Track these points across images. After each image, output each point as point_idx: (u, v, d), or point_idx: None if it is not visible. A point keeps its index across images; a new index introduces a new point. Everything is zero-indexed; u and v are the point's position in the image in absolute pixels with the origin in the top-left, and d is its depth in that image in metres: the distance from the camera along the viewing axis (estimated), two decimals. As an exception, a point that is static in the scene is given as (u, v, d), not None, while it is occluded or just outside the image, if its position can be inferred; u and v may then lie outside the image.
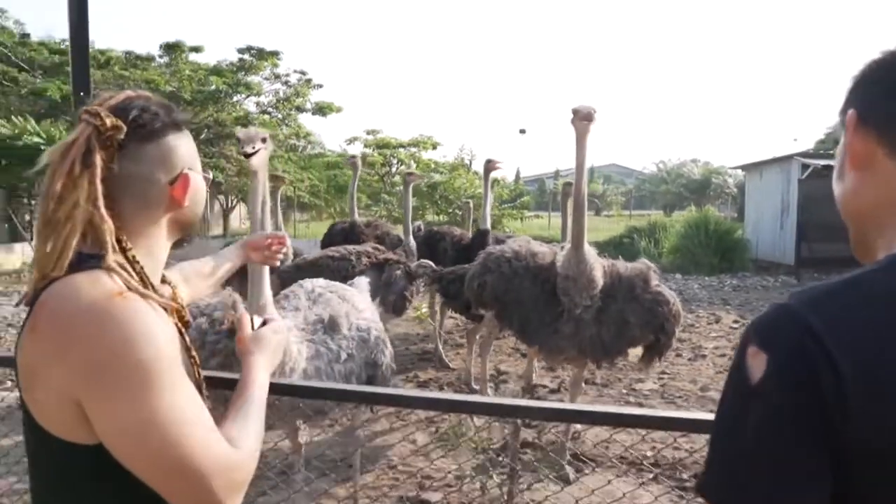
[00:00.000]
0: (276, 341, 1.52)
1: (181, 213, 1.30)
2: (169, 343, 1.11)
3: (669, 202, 44.83)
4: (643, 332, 4.16)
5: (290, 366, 2.68)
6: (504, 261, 4.44)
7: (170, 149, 1.26)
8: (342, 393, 1.61)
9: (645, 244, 17.40)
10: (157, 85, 19.02)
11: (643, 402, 5.83)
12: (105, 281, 1.12)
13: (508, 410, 1.41)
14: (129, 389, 1.05)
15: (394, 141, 24.38)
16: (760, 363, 0.81)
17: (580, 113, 3.94)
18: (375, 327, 3.26)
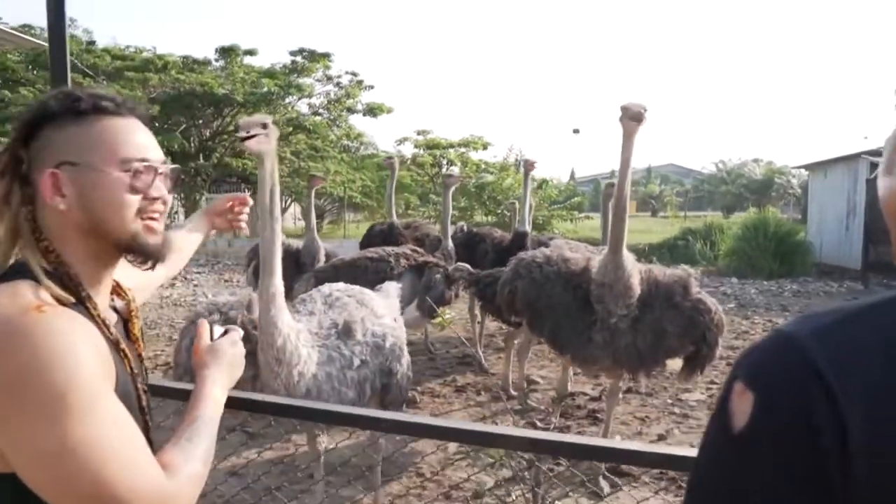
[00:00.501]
0: (233, 354, 1.39)
1: (72, 215, 1.11)
2: (88, 362, 1.00)
3: (729, 203, 43.50)
4: (682, 342, 3.93)
5: (298, 369, 2.61)
6: (535, 266, 4.27)
7: (44, 143, 1.12)
8: (341, 417, 1.47)
9: (700, 246, 16.83)
10: (210, 88, 19.46)
11: (689, 414, 5.56)
12: (25, 293, 1.03)
13: (487, 439, 1.26)
14: (42, 415, 0.95)
15: (444, 141, 24.34)
16: (746, 405, 0.65)
17: (629, 111, 3.72)
18: (392, 334, 3.15)
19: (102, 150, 1.13)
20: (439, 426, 1.30)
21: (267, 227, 2.58)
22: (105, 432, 0.98)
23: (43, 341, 0.97)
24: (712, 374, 6.65)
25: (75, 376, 0.97)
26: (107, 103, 1.16)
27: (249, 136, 2.45)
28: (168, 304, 10.49)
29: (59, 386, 0.95)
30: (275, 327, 2.53)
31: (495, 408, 5.69)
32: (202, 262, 16.00)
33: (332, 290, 3.29)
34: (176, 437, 1.16)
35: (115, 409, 1.03)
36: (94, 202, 1.12)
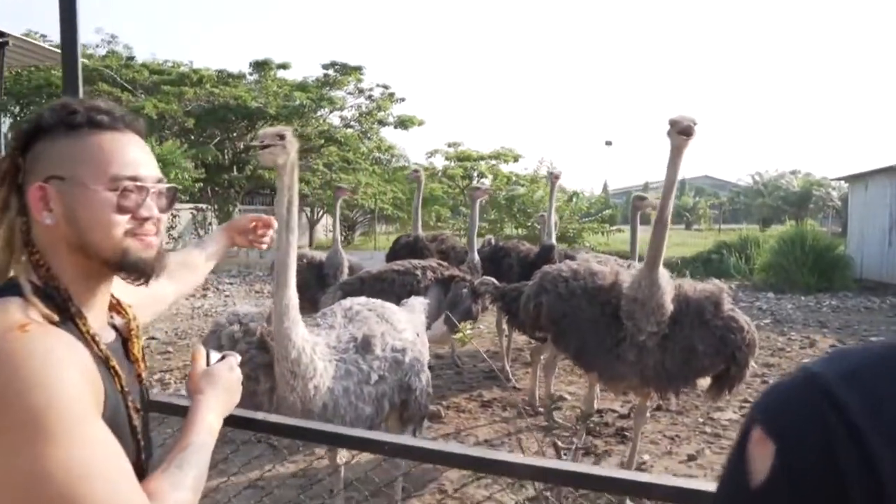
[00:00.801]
0: (231, 379, 1.34)
1: (58, 231, 1.08)
2: (71, 384, 0.96)
3: (765, 216, 42.64)
4: (713, 361, 3.80)
5: (313, 383, 2.58)
6: (561, 280, 4.17)
7: (36, 155, 1.10)
8: (340, 438, 1.42)
9: (735, 260, 16.48)
10: (244, 101, 19.77)
11: (720, 434, 5.39)
12: (11, 311, 1.00)
13: (491, 466, 1.20)
14: (18, 439, 0.92)
15: (474, 153, 24.34)
16: (765, 456, 0.58)
17: (678, 125, 3.56)
18: (412, 349, 3.10)
19: (92, 165, 1.09)
20: (441, 451, 1.25)
21: (282, 239, 2.56)
22: (85, 458, 0.94)
23: (23, 362, 0.94)
24: (746, 391, 6.46)
25: (56, 399, 0.93)
26: (102, 117, 1.12)
27: (265, 145, 2.44)
28: (199, 315, 10.60)
29: (38, 408, 0.92)
30: (288, 340, 2.51)
31: (521, 424, 5.59)
32: (234, 273, 16.18)
33: (352, 304, 3.26)
34: (166, 464, 1.12)
35: (99, 433, 0.99)
36: (80, 219, 1.09)
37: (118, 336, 1.25)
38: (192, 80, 20.35)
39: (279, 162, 2.52)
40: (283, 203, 2.57)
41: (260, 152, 2.47)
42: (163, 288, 1.51)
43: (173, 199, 1.22)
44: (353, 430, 1.45)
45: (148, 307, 1.47)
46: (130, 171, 1.12)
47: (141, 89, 21.14)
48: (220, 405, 1.29)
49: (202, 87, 20.23)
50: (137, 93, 20.94)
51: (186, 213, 19.28)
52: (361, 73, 22.59)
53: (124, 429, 1.11)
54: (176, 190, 1.25)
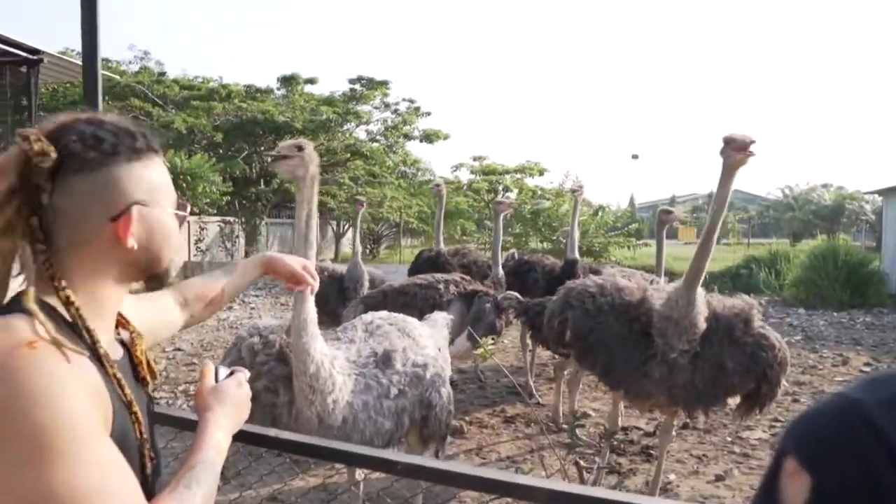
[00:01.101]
0: (240, 396, 1.32)
1: (134, 254, 1.14)
2: (76, 404, 0.95)
3: (796, 230, 41.99)
4: (743, 379, 3.71)
5: (332, 397, 2.56)
6: (587, 296, 4.10)
7: (110, 181, 1.10)
8: (352, 456, 1.40)
9: (764, 275, 16.19)
10: (271, 115, 20.02)
11: (749, 453, 5.26)
12: (18, 327, 0.99)
13: (504, 488, 1.16)
14: (22, 459, 0.90)
15: (500, 167, 24.36)
16: (800, 489, 0.54)
17: (735, 143, 3.43)
18: (433, 365, 3.07)
19: (163, 189, 1.18)
20: (454, 472, 1.21)
21: (300, 252, 2.56)
22: (90, 479, 0.93)
23: (28, 379, 0.93)
24: (776, 410, 6.31)
25: (60, 416, 0.93)
26: (155, 143, 1.19)
27: (282, 156, 2.43)
28: (224, 328, 10.68)
29: (43, 426, 0.91)
30: (307, 354, 2.50)
31: (544, 441, 5.50)
32: (260, 285, 16.30)
33: (373, 318, 3.25)
34: (174, 483, 1.10)
35: (104, 451, 0.98)
36: (155, 240, 1.17)
37: (125, 352, 1.25)
38: (220, 95, 20.70)
39: (298, 174, 2.51)
40: (303, 216, 2.57)
41: (278, 163, 2.47)
42: (174, 315, 1.52)
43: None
44: (366, 448, 1.42)
45: (157, 332, 1.49)
46: (176, 194, 1.23)
47: (171, 104, 21.54)
48: (229, 422, 1.27)
49: (231, 102, 20.56)
50: (168, 108, 21.34)
51: (214, 226, 19.51)
52: (387, 88, 22.78)
53: (132, 445, 1.11)
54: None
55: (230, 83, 22.36)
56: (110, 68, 21.37)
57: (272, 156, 2.47)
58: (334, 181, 22.92)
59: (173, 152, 14.72)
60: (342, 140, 22.66)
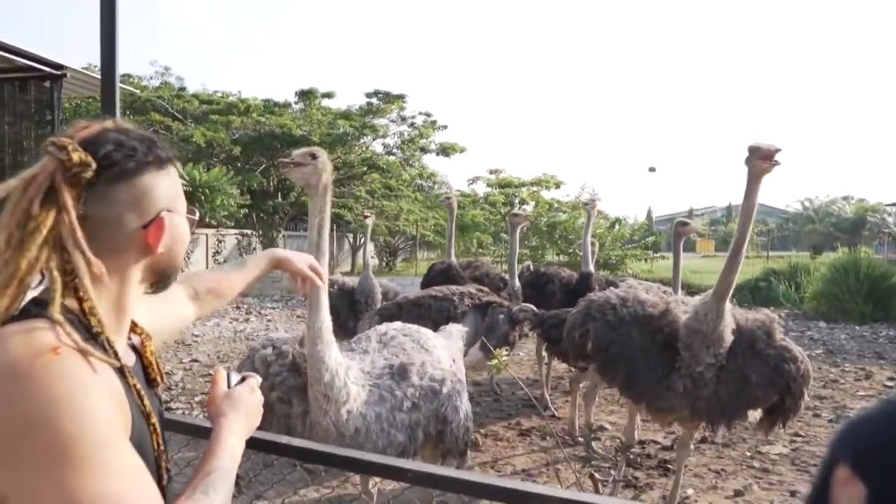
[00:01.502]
0: (252, 401, 1.33)
1: (157, 258, 1.18)
2: (101, 411, 0.97)
3: (816, 243, 41.51)
4: (766, 392, 3.67)
5: (346, 407, 2.55)
6: (609, 308, 4.05)
7: (144, 190, 1.13)
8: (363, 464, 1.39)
9: (784, 288, 15.98)
10: (289, 129, 20.20)
11: (769, 469, 5.16)
12: (41, 334, 0.99)
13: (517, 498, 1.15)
14: (48, 465, 0.91)
15: (516, 180, 24.36)
16: (854, 497, 0.52)
17: (760, 152, 3.41)
18: (451, 380, 3.03)
19: (181, 198, 1.23)
20: (466, 480, 1.20)
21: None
22: (115, 485, 0.94)
23: (53, 386, 0.94)
24: (797, 425, 6.21)
25: (85, 425, 0.93)
26: (172, 154, 1.22)
27: (295, 163, 2.43)
28: (241, 339, 10.73)
29: (67, 435, 0.92)
30: (322, 363, 2.49)
31: (559, 454, 5.46)
32: (276, 297, 16.38)
33: (388, 329, 3.24)
34: (191, 489, 1.11)
35: (128, 460, 0.99)
36: (175, 246, 1.21)
37: (137, 358, 1.26)
38: (239, 110, 20.93)
39: (311, 182, 2.51)
40: (315, 224, 2.56)
41: (291, 170, 2.47)
42: (186, 309, 1.55)
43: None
44: (376, 456, 1.41)
45: (169, 329, 1.52)
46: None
47: (191, 118, 21.82)
48: (242, 428, 1.28)
49: (249, 116, 20.78)
50: (187, 122, 21.61)
51: (232, 239, 19.68)
52: (404, 101, 22.91)
53: (149, 452, 1.12)
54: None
55: (249, 97, 22.62)
56: (132, 83, 21.72)
57: (285, 162, 2.47)
58: (351, 194, 23.04)
59: (192, 166, 14.89)
60: (359, 153, 22.80)
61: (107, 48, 1.76)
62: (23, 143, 8.52)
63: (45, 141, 1.09)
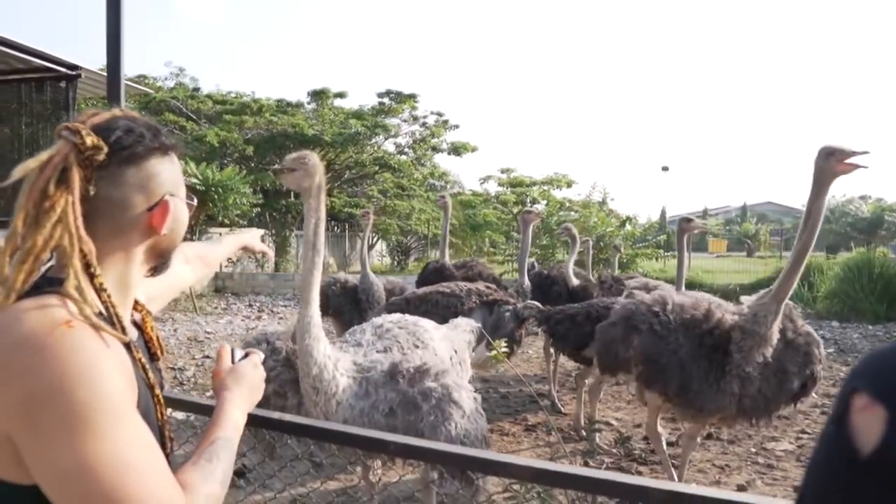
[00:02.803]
0: (255, 377, 1.39)
1: (159, 240, 1.25)
2: (113, 382, 1.03)
3: (832, 243, 41.07)
4: (800, 380, 3.73)
5: (336, 399, 2.61)
6: (652, 316, 3.91)
7: (152, 174, 1.20)
8: (348, 437, 1.45)
9: (797, 287, 15.87)
10: (301, 129, 20.30)
11: (774, 465, 5.18)
12: (55, 309, 1.06)
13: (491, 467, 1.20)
14: (64, 432, 0.97)
15: (527, 179, 24.32)
16: (875, 423, 0.53)
17: (839, 154, 3.33)
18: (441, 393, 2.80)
19: (181, 182, 1.29)
20: (445, 452, 1.26)
21: (308, 259, 2.63)
22: (127, 452, 1.00)
23: (68, 358, 0.99)
24: (804, 422, 6.21)
25: (100, 394, 1.00)
26: (174, 141, 1.28)
27: (288, 168, 2.49)
28: (253, 336, 10.84)
29: (83, 404, 0.98)
30: (310, 356, 2.54)
31: (566, 449, 5.49)
32: (289, 296, 16.51)
33: (384, 321, 3.28)
34: (195, 457, 1.17)
35: (138, 428, 1.05)
36: (176, 228, 1.28)
37: (140, 333, 1.32)
38: (252, 110, 21.06)
39: (304, 185, 2.55)
40: (311, 225, 2.60)
41: (283, 175, 2.54)
42: (183, 275, 1.69)
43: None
44: (358, 429, 1.47)
45: (166, 295, 1.64)
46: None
47: (204, 118, 22.00)
48: (245, 402, 1.35)
49: (262, 116, 20.90)
50: (201, 122, 21.80)
51: (245, 238, 19.77)
52: (416, 101, 22.94)
53: (154, 421, 1.18)
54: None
55: (262, 98, 22.74)
56: (147, 84, 21.94)
57: (277, 169, 2.55)
58: (363, 193, 23.10)
59: (205, 165, 14.99)
60: (371, 153, 22.87)
61: (112, 44, 1.83)
62: (39, 141, 8.66)
63: (59, 126, 1.16)
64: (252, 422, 1.49)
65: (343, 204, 22.21)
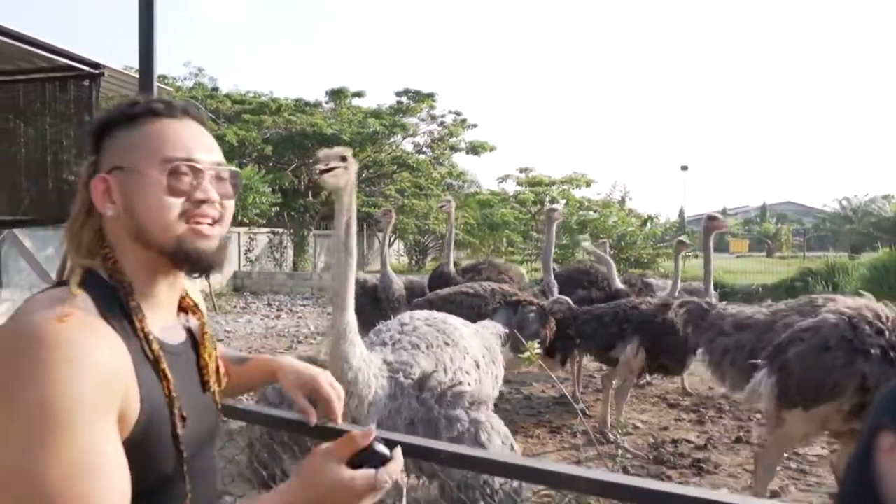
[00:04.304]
0: (343, 491, 1.05)
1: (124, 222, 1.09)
2: (80, 385, 0.91)
3: (855, 243, 40.47)
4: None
5: (368, 400, 2.53)
6: (877, 335, 3.34)
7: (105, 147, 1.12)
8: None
9: (821, 289, 15.62)
10: (320, 128, 20.37)
11: (807, 470, 5.05)
12: (58, 300, 1.00)
13: (551, 478, 1.13)
14: (10, 427, 0.89)
15: (546, 179, 24.24)
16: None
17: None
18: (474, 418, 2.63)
19: (146, 151, 1.09)
20: (497, 461, 1.19)
21: (341, 262, 2.49)
22: (68, 467, 0.88)
23: (45, 353, 0.91)
24: (835, 426, 6.08)
25: (58, 398, 0.89)
26: (158, 105, 1.13)
27: (328, 168, 2.37)
28: (272, 335, 10.85)
29: (36, 403, 0.88)
30: (345, 362, 2.43)
31: (591, 452, 5.41)
32: (307, 295, 16.55)
33: (411, 319, 3.17)
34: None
35: (97, 443, 0.92)
36: (136, 206, 1.08)
37: (189, 339, 1.21)
38: (270, 109, 21.18)
39: (341, 184, 2.43)
40: (342, 225, 2.48)
41: (323, 177, 2.38)
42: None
43: (237, 184, 1.19)
44: (409, 437, 1.39)
45: None
46: (183, 153, 1.10)
47: (223, 118, 22.12)
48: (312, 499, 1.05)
49: (280, 116, 21.01)
50: (220, 121, 21.92)
51: (263, 237, 19.90)
52: (434, 100, 22.95)
53: (163, 436, 1.05)
54: (238, 174, 1.21)
55: (280, 97, 22.87)
56: (167, 84, 22.08)
57: (318, 169, 2.37)
58: (381, 193, 23.12)
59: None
60: (389, 152, 22.90)
61: (144, 39, 1.79)
62: (62, 141, 8.69)
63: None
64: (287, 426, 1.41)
65: (361, 203, 22.23)
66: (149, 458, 1.02)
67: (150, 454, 1.03)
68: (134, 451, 0.97)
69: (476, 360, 3.23)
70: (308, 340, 10.36)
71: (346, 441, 1.04)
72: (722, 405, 6.87)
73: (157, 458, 1.05)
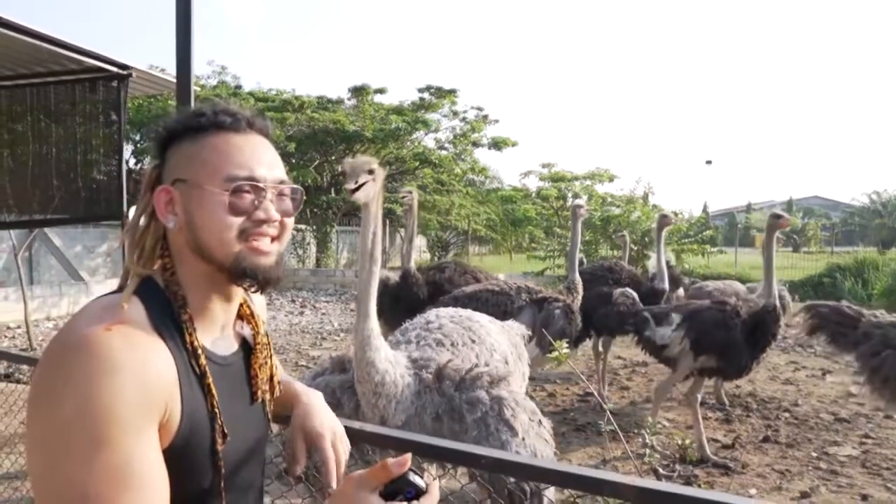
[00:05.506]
0: None
1: (185, 235, 1.09)
2: (116, 398, 0.90)
3: (885, 238, 39.72)
4: None
5: (396, 400, 2.52)
6: None
7: (169, 157, 1.13)
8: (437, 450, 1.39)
9: (850, 285, 15.38)
10: (342, 125, 20.42)
11: (838, 471, 4.98)
12: (108, 309, 1.02)
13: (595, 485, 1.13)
14: (43, 437, 0.90)
15: (569, 174, 24.10)
16: None
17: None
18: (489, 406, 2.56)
19: (208, 166, 1.09)
20: (539, 467, 1.19)
21: (365, 269, 2.47)
22: (111, 474, 0.88)
23: (85, 361, 0.92)
24: (866, 426, 5.99)
25: (100, 406, 0.89)
26: (224, 118, 1.12)
27: (358, 186, 2.32)
28: (296, 331, 10.93)
29: (79, 411, 0.89)
30: (372, 366, 2.42)
31: (617, 450, 5.39)
32: (330, 291, 16.64)
33: (436, 316, 3.13)
34: None
35: (140, 452, 0.92)
36: (196, 221, 1.08)
37: (241, 349, 1.21)
38: (293, 106, 21.26)
39: (370, 197, 2.39)
40: (369, 234, 2.46)
41: (355, 196, 2.29)
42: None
43: (299, 201, 1.18)
44: (448, 442, 1.40)
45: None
46: (245, 172, 1.09)
47: (247, 115, 22.28)
48: None
49: (303, 113, 21.08)
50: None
51: (287, 234, 20.00)
52: (456, 96, 22.88)
53: (201, 450, 1.05)
54: (302, 192, 1.20)
55: (302, 95, 22.94)
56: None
57: (352, 189, 2.32)
58: (402, 189, 23.13)
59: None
60: (411, 148, 22.90)
61: (182, 37, 1.81)
62: (91, 141, 8.83)
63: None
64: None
65: (383, 200, 22.28)
66: (186, 471, 1.03)
67: (188, 467, 1.03)
68: (171, 462, 0.98)
69: (504, 357, 3.21)
70: (332, 337, 10.43)
71: (380, 469, 1.00)
72: (749, 404, 6.80)
73: (194, 472, 1.05)
